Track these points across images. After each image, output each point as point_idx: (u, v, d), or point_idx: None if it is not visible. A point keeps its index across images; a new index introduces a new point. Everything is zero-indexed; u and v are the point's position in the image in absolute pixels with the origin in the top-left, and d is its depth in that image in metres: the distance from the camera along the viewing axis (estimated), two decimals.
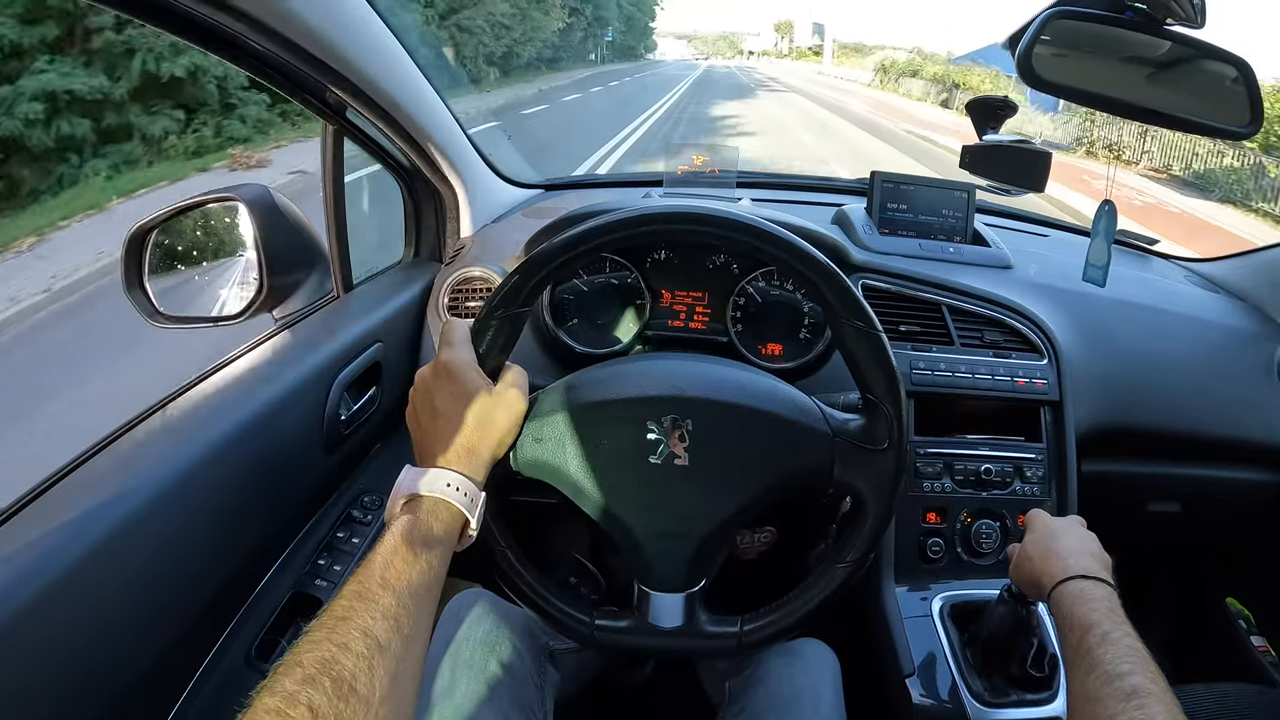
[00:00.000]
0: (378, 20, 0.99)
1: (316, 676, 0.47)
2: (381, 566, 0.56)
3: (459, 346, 0.73)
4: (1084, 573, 0.73)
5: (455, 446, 0.68)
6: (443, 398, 0.70)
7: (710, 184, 1.39)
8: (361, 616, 0.52)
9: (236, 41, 0.83)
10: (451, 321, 0.76)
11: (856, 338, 0.75)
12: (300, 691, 0.46)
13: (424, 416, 0.71)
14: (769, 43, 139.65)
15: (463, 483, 0.65)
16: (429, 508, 0.63)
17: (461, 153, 1.30)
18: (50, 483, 0.73)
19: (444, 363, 0.71)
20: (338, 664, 0.48)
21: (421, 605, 0.57)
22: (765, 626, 0.80)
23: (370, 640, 0.51)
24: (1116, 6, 0.86)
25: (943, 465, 1.11)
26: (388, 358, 1.15)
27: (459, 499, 0.65)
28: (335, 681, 0.47)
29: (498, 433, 0.71)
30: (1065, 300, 1.24)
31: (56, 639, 0.63)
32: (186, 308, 1.07)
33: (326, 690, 0.47)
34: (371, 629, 0.51)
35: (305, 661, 0.48)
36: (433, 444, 0.68)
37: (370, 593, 0.54)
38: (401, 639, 0.53)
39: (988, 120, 1.18)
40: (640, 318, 1.18)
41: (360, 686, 0.48)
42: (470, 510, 0.65)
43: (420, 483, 0.64)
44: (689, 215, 0.76)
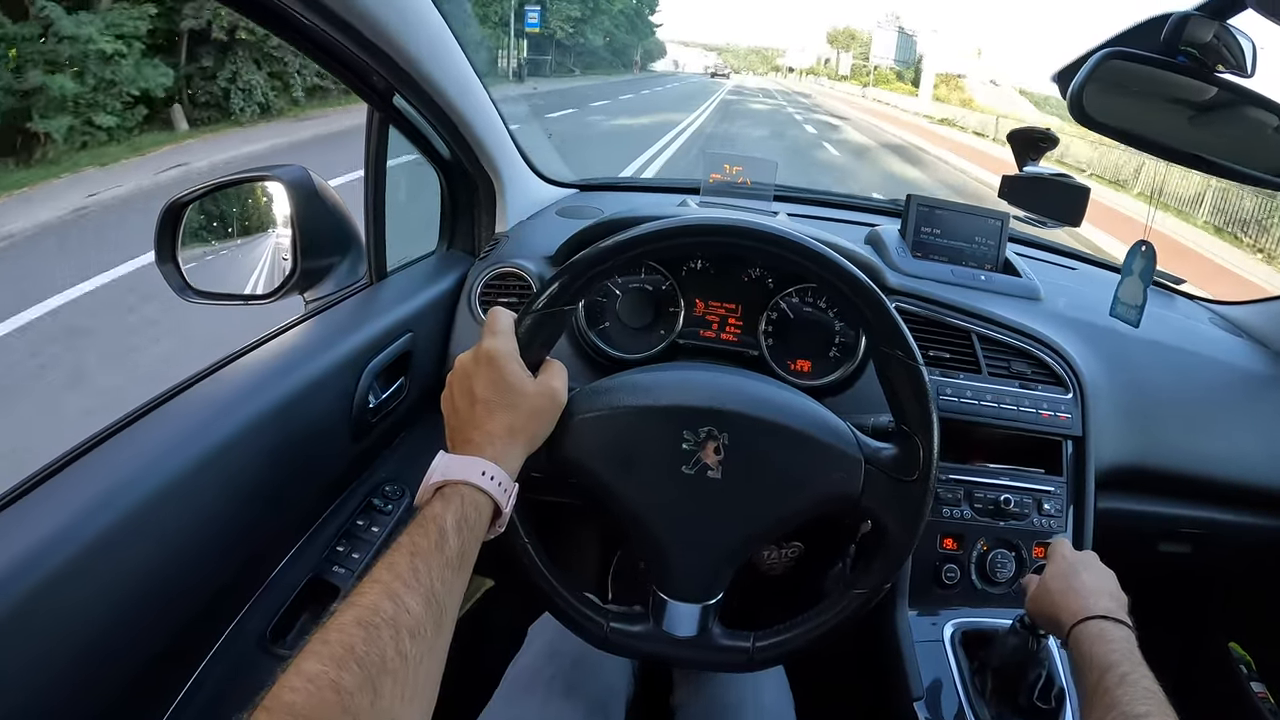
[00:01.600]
0: (435, 13, 0.99)
1: (344, 658, 0.47)
2: (411, 552, 0.56)
3: (503, 335, 0.72)
4: (1104, 613, 0.74)
5: (492, 435, 0.67)
6: (483, 385, 0.69)
7: (747, 195, 1.39)
8: (389, 603, 0.52)
9: (292, 19, 0.82)
10: (497, 310, 0.75)
11: (898, 368, 0.75)
12: (327, 672, 0.46)
13: (462, 402, 0.70)
14: (810, 59, 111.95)
15: (497, 472, 0.65)
16: (462, 495, 0.62)
17: (502, 147, 1.29)
18: (75, 455, 0.72)
19: (487, 350, 0.70)
20: (366, 649, 0.48)
21: (450, 591, 0.57)
22: (777, 645, 0.80)
23: (399, 627, 0.50)
24: (1170, 50, 0.86)
25: (963, 493, 1.11)
26: (417, 348, 1.15)
27: (493, 487, 0.64)
28: (363, 664, 0.47)
29: (536, 425, 0.71)
30: (1092, 335, 1.25)
31: (75, 613, 0.63)
32: (217, 284, 1.07)
33: (355, 672, 0.46)
34: (399, 616, 0.51)
35: (333, 642, 0.48)
36: (470, 431, 0.68)
37: (401, 578, 0.54)
38: (431, 625, 0.53)
39: (1029, 151, 1.19)
40: (673, 325, 1.18)
41: (389, 669, 0.48)
42: (503, 500, 0.65)
43: (454, 469, 0.64)
44: (746, 230, 0.76)
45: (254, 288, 1.10)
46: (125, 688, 0.70)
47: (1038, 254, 1.56)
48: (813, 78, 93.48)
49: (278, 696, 0.44)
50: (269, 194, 1.10)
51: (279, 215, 1.09)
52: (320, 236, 1.08)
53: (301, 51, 0.89)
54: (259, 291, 1.09)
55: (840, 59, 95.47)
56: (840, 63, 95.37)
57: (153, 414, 0.80)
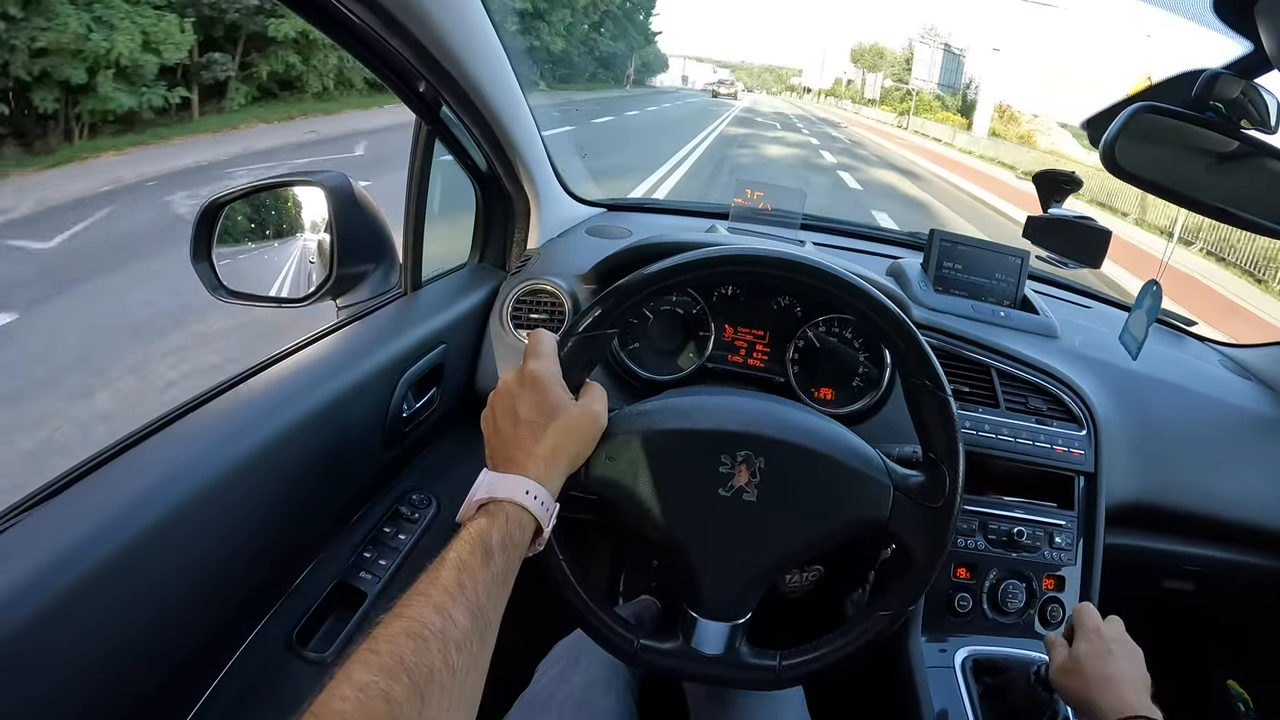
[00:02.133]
0: (490, 26, 1.00)
1: (394, 669, 0.47)
2: (458, 567, 0.57)
3: (546, 358, 0.74)
4: (1145, 713, 0.76)
5: (535, 456, 0.68)
6: (527, 406, 0.71)
7: (774, 223, 1.41)
8: (437, 616, 0.53)
9: (354, 27, 0.84)
10: (540, 332, 0.76)
11: (928, 398, 0.78)
12: (377, 681, 0.46)
13: (505, 422, 0.71)
14: (828, 79, 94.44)
15: (540, 491, 0.66)
16: (507, 514, 0.64)
17: (540, 165, 1.31)
18: (114, 453, 0.73)
19: (531, 372, 0.72)
20: (414, 660, 0.49)
21: (494, 606, 0.58)
22: (804, 664, 0.81)
23: (448, 637, 0.51)
24: (1199, 106, 0.90)
25: (978, 523, 1.13)
26: (449, 361, 1.16)
27: (536, 507, 0.65)
28: (412, 675, 0.48)
29: (577, 447, 0.72)
30: (1107, 374, 1.27)
31: (110, 610, 0.63)
32: (250, 285, 1.08)
33: (404, 683, 0.47)
34: (448, 627, 0.52)
35: (382, 652, 0.49)
36: (513, 450, 0.69)
37: (448, 591, 0.55)
38: (476, 638, 0.54)
39: (1053, 194, 1.22)
40: (702, 349, 1.20)
41: (437, 680, 0.49)
42: (545, 519, 0.66)
43: (500, 487, 0.65)
44: (784, 262, 0.78)
45: (286, 290, 1.11)
46: (155, 684, 0.71)
47: (1056, 292, 1.59)
48: (833, 100, 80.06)
49: (326, 704, 0.45)
50: (307, 199, 1.10)
51: (315, 220, 1.10)
52: (357, 243, 1.08)
53: (359, 58, 0.91)
54: (292, 294, 1.09)
55: (867, 80, 78.20)
56: (867, 85, 77.25)
57: (191, 415, 0.81)
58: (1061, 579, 1.15)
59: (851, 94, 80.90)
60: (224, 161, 8.99)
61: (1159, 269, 1.13)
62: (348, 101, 13.92)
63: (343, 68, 13.78)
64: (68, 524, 0.63)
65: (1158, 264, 1.11)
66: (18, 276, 5.16)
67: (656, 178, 10.23)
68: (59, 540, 0.61)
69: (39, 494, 0.67)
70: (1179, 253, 11.49)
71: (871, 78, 75.89)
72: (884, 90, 71.36)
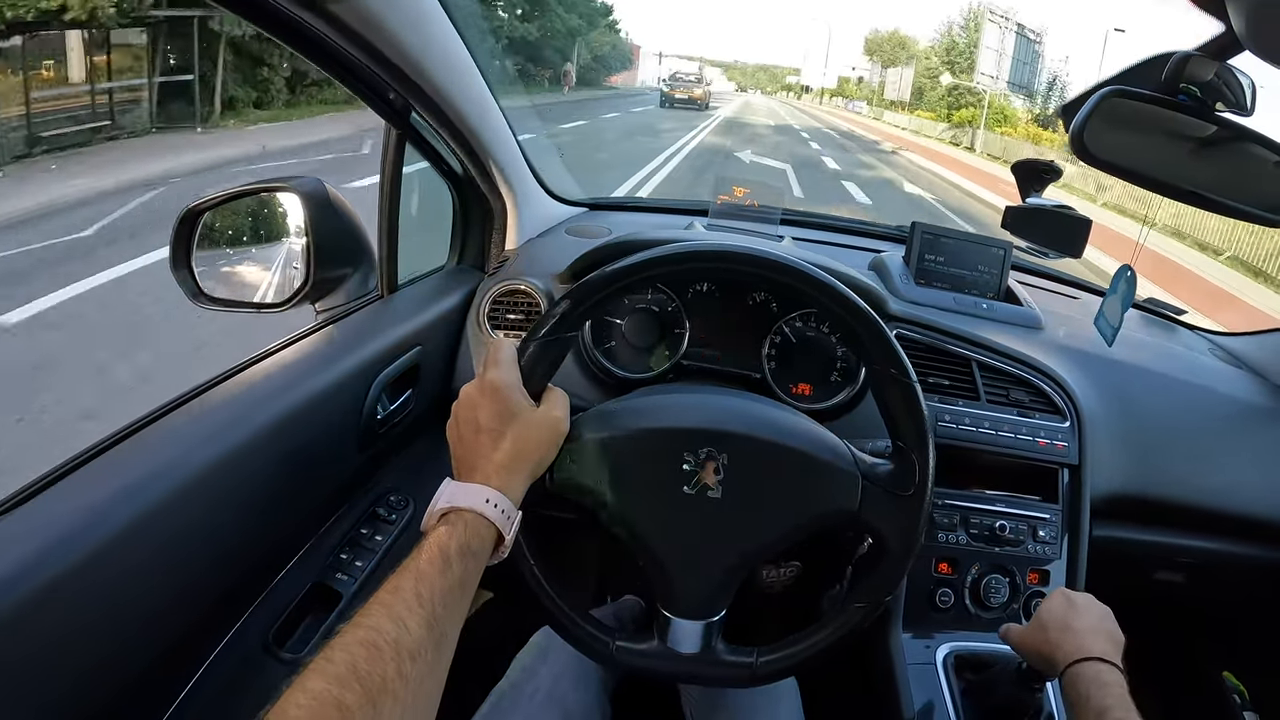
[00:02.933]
0: (453, 30, 1.01)
1: (346, 677, 0.48)
2: (416, 576, 0.58)
3: (505, 366, 0.74)
4: (1101, 655, 0.76)
5: (496, 464, 0.69)
6: (487, 415, 0.71)
7: (754, 219, 1.41)
8: (393, 626, 0.53)
9: (315, 39, 0.85)
10: (500, 342, 0.77)
11: (892, 385, 0.78)
12: (330, 690, 0.47)
13: (466, 431, 0.72)
14: (831, 77, 76.55)
15: (501, 500, 0.67)
16: (467, 522, 0.64)
17: (515, 166, 1.31)
18: (91, 455, 0.74)
19: (490, 381, 0.73)
20: (368, 669, 0.50)
21: (451, 616, 0.59)
22: (779, 660, 0.81)
23: (401, 649, 0.52)
24: (1170, 89, 0.88)
25: (959, 518, 1.13)
26: (426, 362, 1.16)
27: (496, 515, 0.66)
28: (364, 685, 0.49)
29: (538, 454, 0.73)
30: (1091, 365, 1.26)
31: (85, 610, 0.64)
32: (230, 291, 1.09)
33: (356, 691, 0.48)
34: (402, 638, 0.53)
35: (337, 661, 0.49)
36: (474, 459, 0.70)
37: (404, 602, 0.56)
38: (432, 647, 0.55)
39: (1032, 183, 1.21)
40: (678, 347, 1.20)
41: (390, 689, 0.50)
42: (506, 527, 0.67)
43: (460, 497, 0.66)
44: (747, 256, 0.78)
45: (266, 296, 1.12)
46: (131, 683, 0.71)
47: (1041, 282, 1.57)
48: (840, 101, 65.27)
49: (283, 712, 0.46)
50: (284, 204, 1.11)
51: (293, 225, 1.11)
52: (333, 248, 1.09)
53: (324, 69, 0.92)
54: (271, 300, 1.10)
55: (888, 77, 55.31)
56: (889, 82, 54.73)
57: (167, 417, 0.82)
58: (1046, 573, 1.13)
59: (866, 94, 62.70)
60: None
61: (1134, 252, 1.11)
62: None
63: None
64: (43, 525, 0.64)
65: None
66: None
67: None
68: (34, 541, 0.62)
69: (15, 496, 0.68)
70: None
71: (894, 73, 54.37)
72: (917, 88, 48.54)
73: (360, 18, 0.82)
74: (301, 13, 0.77)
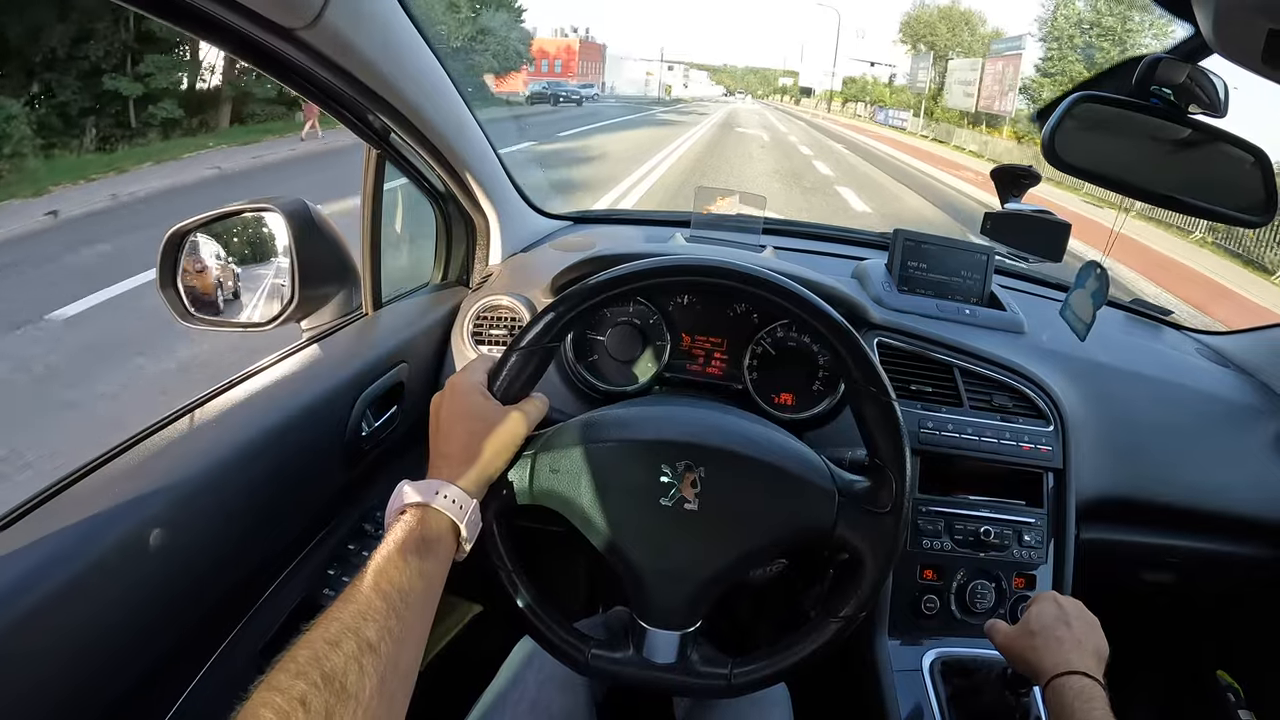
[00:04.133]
0: (427, 50, 1.02)
1: (308, 672, 0.50)
2: (374, 572, 0.59)
3: (470, 369, 0.78)
4: (1085, 670, 0.76)
5: (450, 459, 0.71)
6: (445, 413, 0.74)
7: (736, 229, 1.41)
8: (352, 618, 0.55)
9: (295, 67, 0.86)
10: (480, 356, 0.81)
11: (870, 403, 0.78)
12: (293, 685, 0.49)
13: (431, 431, 0.75)
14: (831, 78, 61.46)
15: (455, 493, 0.68)
16: (421, 516, 0.66)
17: (496, 181, 1.32)
18: (72, 480, 0.75)
19: (452, 382, 0.76)
20: (328, 661, 0.51)
21: (413, 609, 0.60)
22: (755, 670, 0.81)
23: (360, 640, 0.53)
24: (1142, 93, 0.89)
25: (943, 524, 1.13)
26: (411, 379, 1.17)
27: (449, 508, 0.67)
28: (326, 678, 0.50)
29: (491, 449, 0.74)
30: (1075, 368, 1.26)
31: (72, 629, 0.65)
32: (216, 311, 1.10)
33: (317, 685, 0.49)
34: (362, 629, 0.54)
35: (299, 658, 0.51)
36: (434, 457, 0.73)
37: (362, 596, 0.57)
38: (392, 641, 0.56)
39: (1011, 188, 1.21)
40: (659, 359, 1.20)
41: (350, 684, 0.51)
42: (460, 519, 0.68)
43: (415, 492, 0.68)
44: (717, 269, 0.78)
45: (252, 316, 1.13)
46: (119, 701, 0.72)
47: (1025, 286, 1.57)
48: (863, 108, 48.41)
49: (254, 712, 0.48)
50: (268, 224, 1.12)
51: (278, 245, 1.12)
52: (318, 266, 1.10)
53: (302, 94, 0.93)
54: (257, 319, 1.11)
55: (970, 73, 33.14)
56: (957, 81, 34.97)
57: (152, 438, 0.83)
58: (1032, 577, 1.14)
59: (904, 99, 43.22)
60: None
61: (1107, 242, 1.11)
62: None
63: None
64: (30, 546, 0.65)
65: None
66: None
67: None
68: (21, 562, 0.63)
69: (3, 517, 0.69)
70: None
71: (963, 66, 34.84)
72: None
73: (333, 44, 0.83)
74: (276, 42, 0.78)
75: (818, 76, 72.13)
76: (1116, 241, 1.15)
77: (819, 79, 69.79)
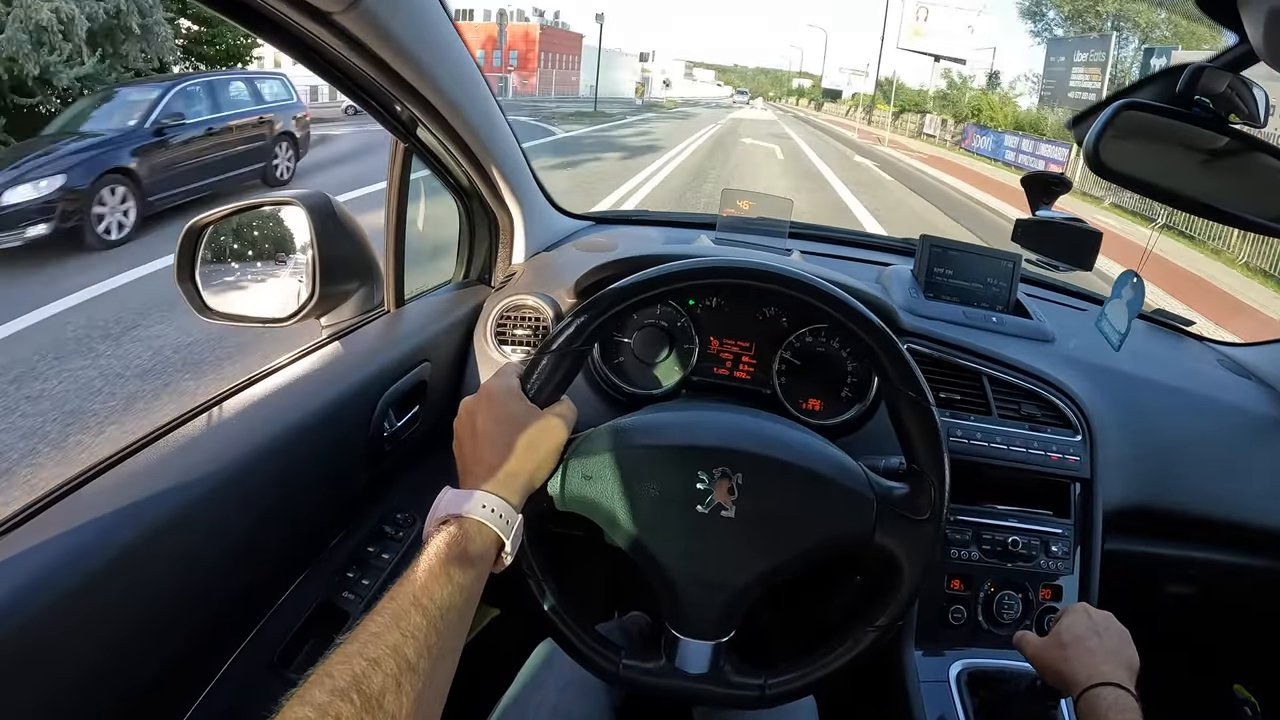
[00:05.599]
0: (460, 43, 1.00)
1: (346, 690, 0.48)
2: (415, 586, 0.57)
3: (504, 375, 0.75)
4: (1119, 682, 0.75)
5: (492, 469, 0.69)
6: (483, 420, 0.71)
7: (762, 232, 1.40)
8: (393, 634, 0.53)
9: (324, 52, 0.84)
10: (508, 363, 0.78)
11: (909, 408, 0.76)
12: (330, 703, 0.47)
13: (466, 439, 0.72)
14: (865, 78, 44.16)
15: (499, 505, 0.66)
16: (465, 529, 0.64)
17: (522, 179, 1.31)
18: (92, 474, 0.73)
19: (487, 389, 0.74)
20: (367, 679, 0.49)
21: (451, 626, 0.58)
22: (789, 681, 0.79)
23: (400, 658, 0.52)
24: (1185, 101, 0.88)
25: (971, 534, 1.12)
26: (433, 378, 1.15)
27: (495, 521, 0.65)
28: (364, 697, 0.48)
29: (536, 458, 0.72)
30: (1102, 378, 1.25)
31: (89, 627, 0.64)
32: (235, 305, 1.08)
33: (355, 703, 0.48)
34: (402, 647, 0.52)
35: (336, 674, 0.49)
36: (472, 466, 0.70)
37: (403, 611, 0.55)
38: (430, 659, 0.54)
39: (1042, 196, 1.20)
40: (687, 362, 1.19)
41: (387, 703, 0.49)
42: (505, 533, 0.66)
43: (457, 504, 0.65)
44: (760, 271, 0.77)
45: (271, 311, 1.11)
46: (136, 701, 0.71)
47: (1050, 294, 1.56)
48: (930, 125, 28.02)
49: None
50: (289, 218, 1.11)
51: (298, 239, 1.10)
52: (339, 262, 1.09)
53: (333, 83, 0.91)
54: (277, 315, 1.09)
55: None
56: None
57: (174, 434, 0.81)
58: (1059, 588, 1.13)
59: (1029, 117, 24.08)
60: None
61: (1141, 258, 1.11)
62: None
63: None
64: (49, 541, 0.63)
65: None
66: None
67: None
68: (40, 557, 0.62)
69: (23, 511, 0.67)
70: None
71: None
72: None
73: (370, 30, 0.81)
74: (312, 26, 0.77)
75: (840, 77, 54.49)
76: (1125, 251, 1.14)
77: (843, 81, 53.24)
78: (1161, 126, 0.89)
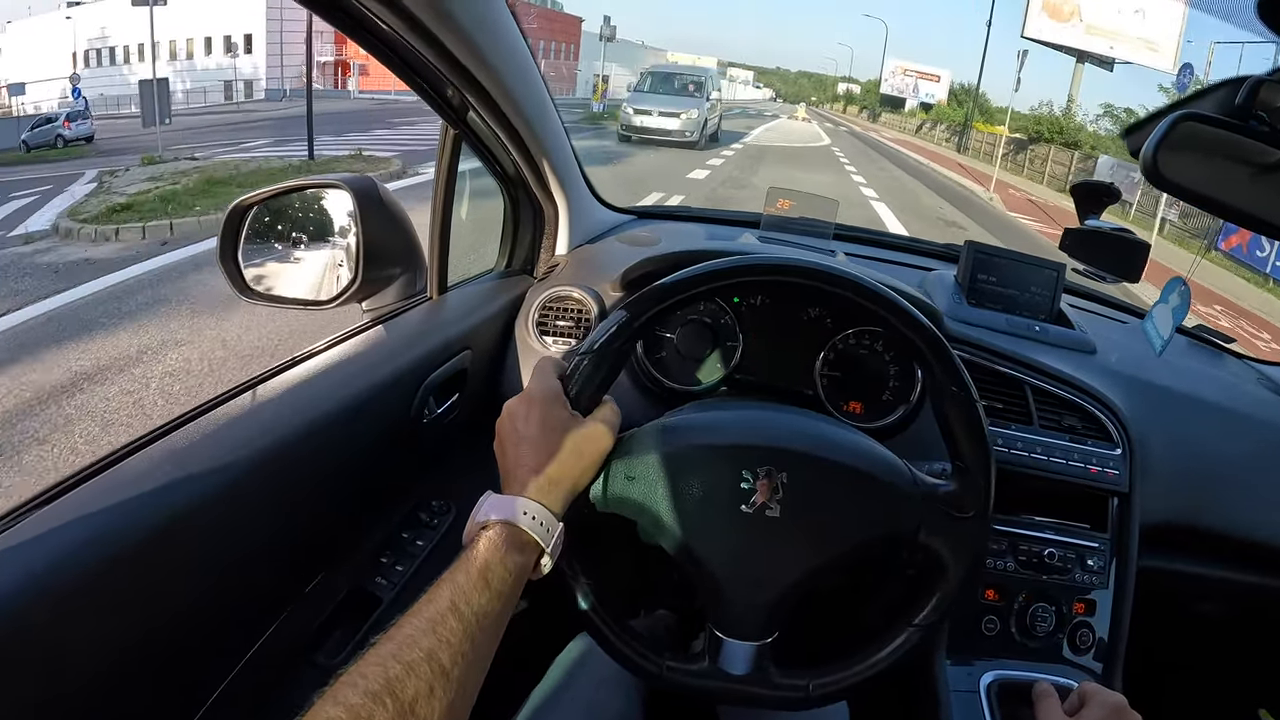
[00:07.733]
0: (516, 29, 1.00)
1: (379, 693, 0.48)
2: (453, 592, 0.57)
3: (546, 378, 0.73)
4: None
5: (535, 475, 0.68)
6: (527, 425, 0.70)
7: (807, 232, 1.39)
8: (429, 639, 0.53)
9: (384, 34, 0.84)
10: (546, 357, 0.77)
11: (954, 404, 0.76)
12: (363, 705, 0.47)
13: (509, 444, 0.71)
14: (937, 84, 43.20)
15: (541, 513, 0.66)
16: (506, 536, 0.63)
17: (569, 170, 1.30)
18: (126, 452, 0.73)
19: (530, 392, 0.72)
20: (400, 684, 0.49)
21: (486, 633, 0.58)
22: (835, 682, 0.79)
23: (435, 664, 0.52)
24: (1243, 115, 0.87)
25: (1007, 544, 1.11)
26: (474, 366, 1.15)
27: (536, 529, 0.65)
28: (397, 701, 0.48)
29: (578, 466, 0.71)
30: (1143, 392, 1.24)
31: (115, 609, 0.63)
32: (275, 286, 1.08)
33: (388, 708, 0.48)
34: (437, 653, 0.52)
35: (370, 675, 0.49)
36: (516, 470, 0.69)
37: (441, 616, 0.55)
38: (464, 665, 0.54)
39: (1091, 206, 1.19)
40: (729, 360, 1.18)
41: (419, 709, 0.49)
42: (546, 541, 0.65)
43: (499, 510, 0.65)
44: (806, 269, 0.76)
45: (312, 293, 1.11)
46: (165, 680, 0.71)
47: (1091, 305, 1.55)
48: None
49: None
50: (334, 201, 1.11)
51: (341, 223, 1.10)
52: (383, 247, 1.08)
53: (387, 65, 0.91)
54: (318, 297, 1.10)
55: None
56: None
57: (208, 415, 0.81)
58: (1092, 603, 1.11)
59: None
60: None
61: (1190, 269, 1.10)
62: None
63: None
64: (81, 519, 0.63)
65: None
66: None
67: None
68: (70, 534, 0.61)
69: (53, 488, 0.67)
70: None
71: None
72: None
73: (433, 14, 0.81)
74: (377, 7, 0.77)
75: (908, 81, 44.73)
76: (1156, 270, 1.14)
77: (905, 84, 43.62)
78: (1218, 139, 0.88)
